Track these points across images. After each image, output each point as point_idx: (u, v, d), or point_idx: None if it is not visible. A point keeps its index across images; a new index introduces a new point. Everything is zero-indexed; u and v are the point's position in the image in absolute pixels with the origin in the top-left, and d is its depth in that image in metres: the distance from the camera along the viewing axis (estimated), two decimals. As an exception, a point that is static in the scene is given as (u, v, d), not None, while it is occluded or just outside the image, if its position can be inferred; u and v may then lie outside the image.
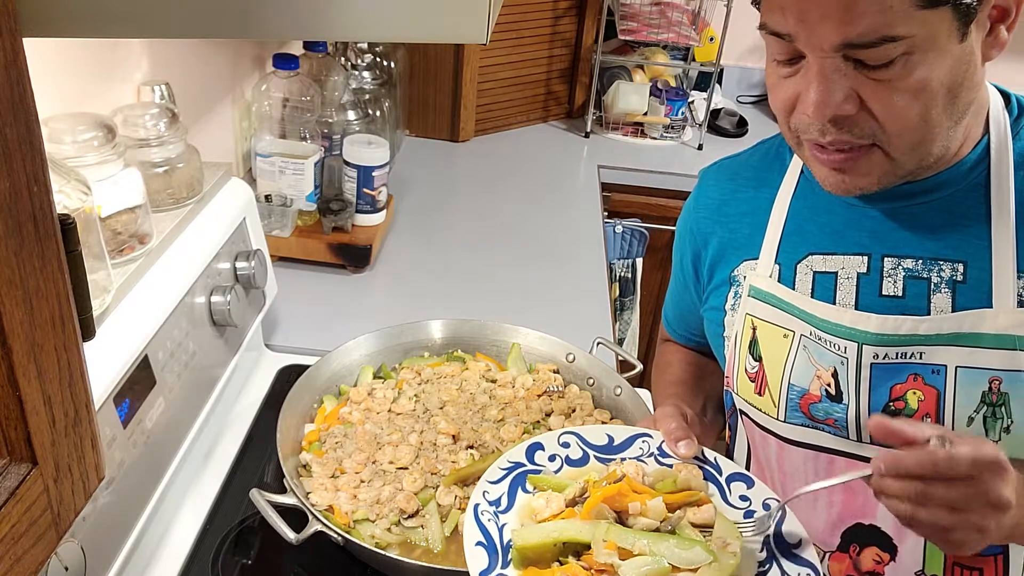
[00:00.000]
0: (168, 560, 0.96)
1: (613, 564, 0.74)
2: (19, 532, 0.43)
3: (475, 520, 0.81)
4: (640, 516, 0.80)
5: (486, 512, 0.82)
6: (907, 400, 0.84)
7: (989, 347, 0.80)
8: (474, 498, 0.83)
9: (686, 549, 0.76)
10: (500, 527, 0.81)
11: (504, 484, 0.86)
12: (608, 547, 0.75)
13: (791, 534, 0.82)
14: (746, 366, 0.95)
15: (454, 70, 2.22)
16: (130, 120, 1.00)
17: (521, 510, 0.83)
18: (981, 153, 0.83)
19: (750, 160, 1.02)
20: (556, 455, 0.90)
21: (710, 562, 0.75)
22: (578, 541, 0.77)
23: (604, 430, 0.93)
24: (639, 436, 0.92)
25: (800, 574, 0.78)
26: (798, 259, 0.91)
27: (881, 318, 0.84)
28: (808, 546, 0.80)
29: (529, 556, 0.78)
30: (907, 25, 0.69)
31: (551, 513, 0.81)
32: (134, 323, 0.88)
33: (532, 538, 0.78)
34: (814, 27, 0.72)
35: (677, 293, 1.13)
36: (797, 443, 0.92)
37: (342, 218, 1.55)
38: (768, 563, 0.80)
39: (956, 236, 0.83)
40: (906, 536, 0.87)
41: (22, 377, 0.42)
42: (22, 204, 0.41)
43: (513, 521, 0.82)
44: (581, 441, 0.91)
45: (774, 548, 0.81)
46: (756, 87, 2.81)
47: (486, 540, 0.79)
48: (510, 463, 0.88)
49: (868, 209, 0.87)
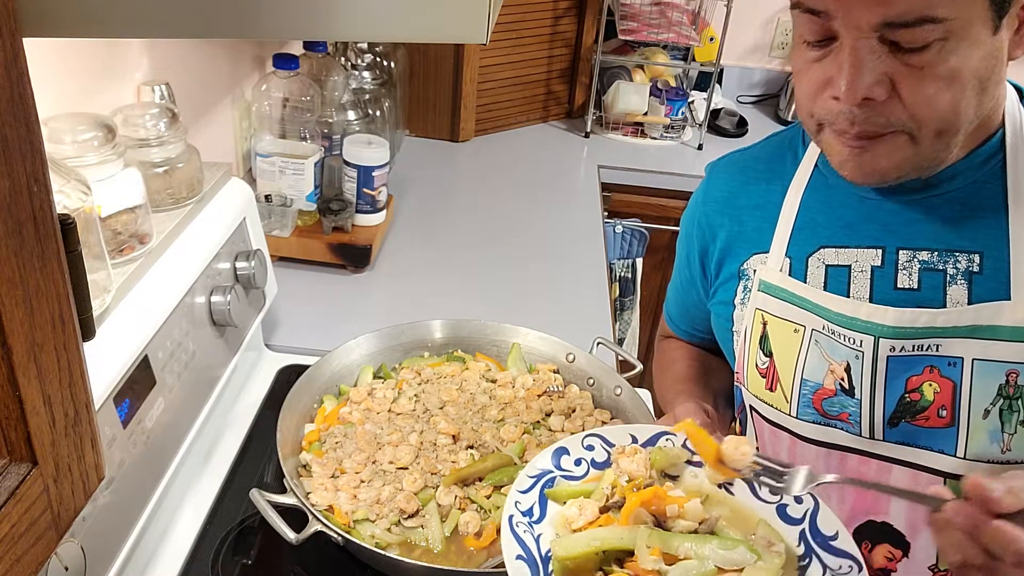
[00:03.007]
0: (168, 560, 0.96)
1: (660, 570, 0.73)
2: (19, 532, 0.43)
3: (511, 532, 0.78)
4: (679, 519, 0.79)
5: (520, 524, 0.80)
6: (923, 392, 0.83)
7: (1007, 340, 0.79)
8: (507, 510, 0.80)
9: (730, 549, 0.74)
10: (536, 538, 0.79)
11: (534, 493, 0.84)
12: (653, 553, 0.74)
13: (827, 526, 0.80)
14: (756, 361, 0.94)
15: (454, 70, 2.22)
16: (130, 120, 1.00)
17: (555, 519, 0.81)
18: (996, 145, 0.83)
19: (761, 153, 1.01)
20: (582, 459, 0.88)
21: (755, 561, 0.74)
22: (620, 548, 0.76)
23: (627, 430, 0.91)
24: (662, 434, 0.90)
25: (841, 566, 0.76)
26: (810, 252, 0.90)
27: (898, 311, 0.83)
28: (846, 536, 0.79)
29: (570, 567, 0.76)
30: (947, 8, 0.69)
31: (586, 521, 0.79)
32: (134, 323, 0.87)
33: (574, 548, 0.76)
34: (852, 5, 0.71)
35: (681, 289, 1.13)
36: (809, 440, 0.91)
37: (342, 218, 1.55)
38: (807, 557, 0.78)
39: (972, 227, 0.82)
40: (918, 533, 0.87)
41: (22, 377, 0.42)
42: (22, 204, 0.41)
43: (548, 531, 0.80)
44: (605, 443, 0.90)
45: (811, 542, 0.80)
46: (756, 87, 2.81)
47: (525, 553, 0.77)
48: (539, 470, 0.86)
49: (882, 202, 0.87)
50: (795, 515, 0.82)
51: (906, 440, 0.86)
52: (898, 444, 0.86)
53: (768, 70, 2.78)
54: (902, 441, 0.86)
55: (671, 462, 0.87)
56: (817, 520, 0.81)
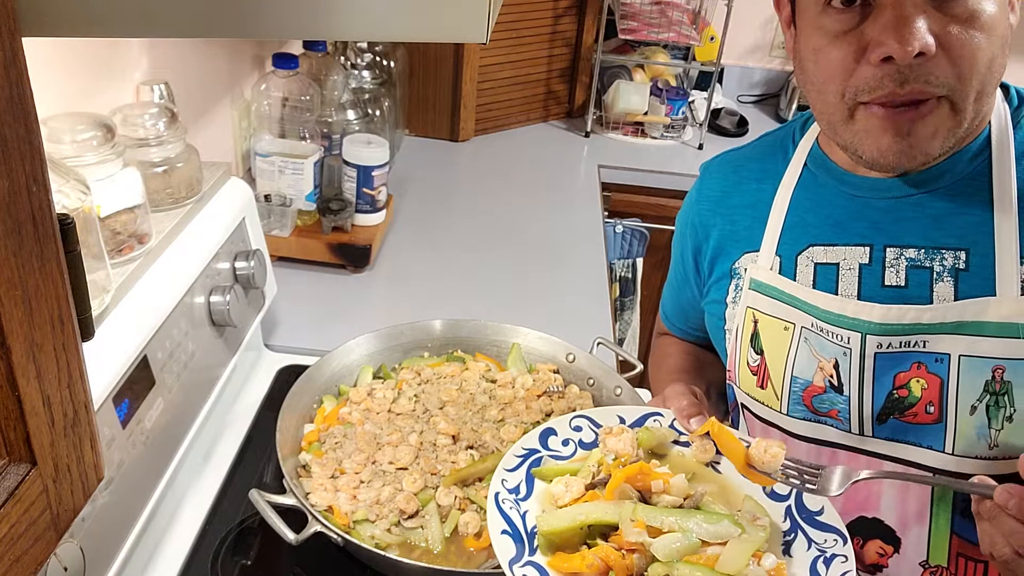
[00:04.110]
0: (168, 560, 0.95)
1: (644, 543, 0.74)
2: (18, 532, 0.43)
3: (497, 509, 0.79)
4: (663, 494, 0.80)
5: (507, 500, 0.81)
6: (911, 388, 0.84)
7: (992, 335, 0.80)
8: (493, 487, 0.82)
9: (714, 523, 0.75)
10: (522, 514, 0.80)
11: (521, 471, 0.85)
12: (637, 526, 0.75)
13: (813, 502, 0.81)
14: (748, 359, 0.95)
15: (454, 70, 2.21)
16: (129, 120, 1.00)
17: (541, 497, 0.83)
18: (983, 143, 0.83)
19: (753, 152, 1.02)
20: (569, 439, 0.90)
21: (739, 534, 0.74)
22: (605, 523, 0.77)
23: (615, 411, 0.92)
24: (650, 415, 0.92)
25: (827, 540, 0.77)
26: (799, 250, 0.91)
27: (884, 308, 0.83)
28: (831, 512, 0.80)
29: (555, 541, 0.77)
30: None
31: (571, 498, 0.81)
32: (133, 323, 0.87)
33: (558, 523, 0.77)
34: None
35: (676, 287, 1.14)
36: (800, 436, 0.92)
37: (342, 218, 1.55)
38: (793, 532, 0.79)
39: (958, 224, 0.83)
40: (909, 528, 0.88)
41: (21, 377, 0.42)
42: (21, 204, 0.41)
43: (534, 508, 0.81)
44: (593, 424, 0.91)
45: (797, 517, 0.81)
46: (757, 87, 2.81)
47: (510, 528, 0.78)
48: (525, 450, 0.87)
49: (870, 200, 0.87)
50: (781, 491, 0.83)
51: (895, 436, 0.86)
52: (887, 440, 0.87)
53: (768, 70, 2.78)
54: (891, 437, 0.86)
55: (658, 441, 0.88)
56: (803, 496, 0.82)
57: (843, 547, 0.76)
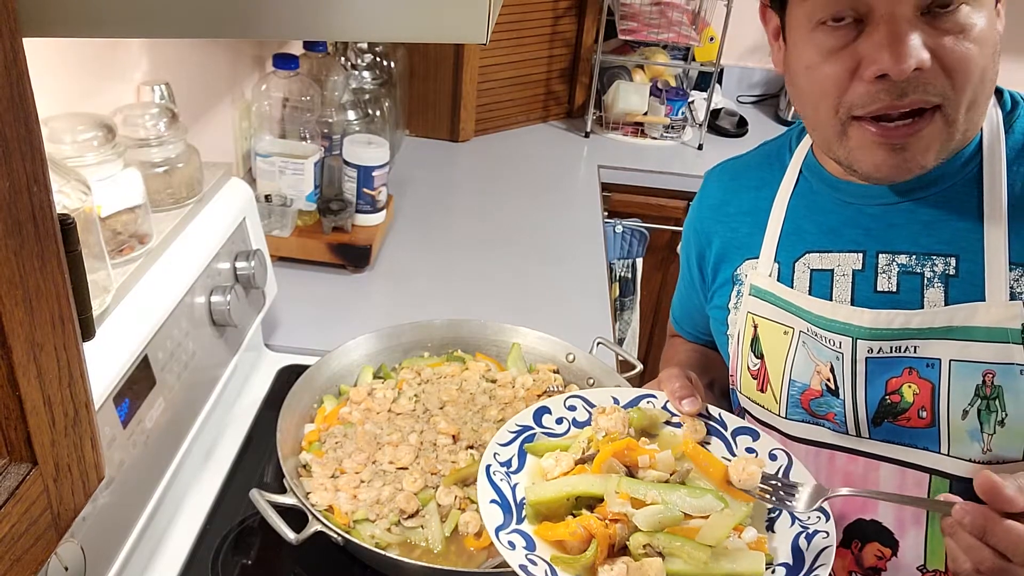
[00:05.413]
0: (168, 560, 0.95)
1: (627, 513, 0.75)
2: (19, 532, 0.43)
3: (487, 479, 0.81)
4: (650, 469, 0.81)
5: (498, 472, 0.83)
6: (902, 394, 0.84)
7: (982, 340, 0.80)
8: (485, 459, 0.84)
9: (697, 497, 0.76)
10: (512, 486, 0.82)
11: (514, 447, 0.87)
12: (621, 497, 0.76)
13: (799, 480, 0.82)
14: (748, 364, 0.96)
15: (454, 70, 2.22)
16: (130, 120, 1.00)
17: (531, 470, 0.84)
18: (975, 149, 0.84)
19: (752, 161, 1.03)
20: (563, 418, 0.91)
21: (722, 509, 0.75)
22: (590, 495, 0.78)
23: (609, 392, 0.94)
24: (644, 397, 0.93)
25: (810, 516, 0.78)
26: (796, 257, 0.92)
27: (874, 313, 0.84)
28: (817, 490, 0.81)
29: (543, 511, 0.79)
30: None
31: (560, 472, 0.82)
32: (134, 323, 0.87)
33: (545, 493, 0.79)
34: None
35: (684, 292, 1.15)
36: (798, 439, 0.93)
37: (342, 218, 1.55)
38: (777, 510, 0.80)
39: (949, 231, 0.83)
40: (907, 532, 0.88)
41: (22, 377, 0.42)
42: (22, 204, 0.41)
43: (525, 481, 0.83)
44: (587, 404, 0.92)
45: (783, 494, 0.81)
46: (756, 87, 2.81)
47: (499, 498, 0.80)
48: (519, 426, 0.89)
49: (864, 207, 0.88)
50: (768, 470, 0.84)
51: (891, 438, 0.87)
52: (884, 442, 0.87)
53: (768, 70, 2.78)
54: (887, 439, 0.87)
55: (650, 422, 0.89)
56: (790, 474, 0.83)
57: (825, 523, 0.77)
